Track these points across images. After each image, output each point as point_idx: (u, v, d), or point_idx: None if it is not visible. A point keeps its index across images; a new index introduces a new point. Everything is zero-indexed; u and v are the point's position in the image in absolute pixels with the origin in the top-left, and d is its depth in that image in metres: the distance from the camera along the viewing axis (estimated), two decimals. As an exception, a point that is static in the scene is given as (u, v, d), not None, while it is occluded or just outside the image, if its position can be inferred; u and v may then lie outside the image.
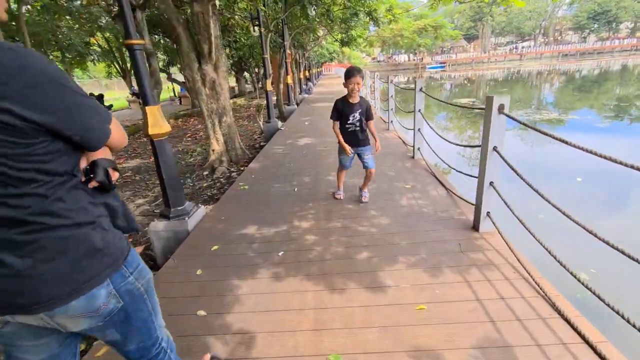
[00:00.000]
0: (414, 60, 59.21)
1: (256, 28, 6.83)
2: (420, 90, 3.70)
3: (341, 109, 2.88)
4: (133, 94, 16.40)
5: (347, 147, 2.84)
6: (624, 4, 53.61)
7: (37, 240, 0.73)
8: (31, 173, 0.70)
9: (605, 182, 5.22)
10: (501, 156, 2.13)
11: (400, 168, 3.87)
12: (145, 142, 9.18)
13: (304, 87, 16.07)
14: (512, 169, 2.05)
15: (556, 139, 1.66)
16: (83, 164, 0.82)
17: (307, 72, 18.98)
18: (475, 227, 2.40)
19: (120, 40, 13.46)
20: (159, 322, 1.00)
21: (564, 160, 6.25)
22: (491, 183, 2.24)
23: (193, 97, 13.78)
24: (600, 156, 1.38)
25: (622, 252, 1.32)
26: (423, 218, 2.62)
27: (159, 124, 2.57)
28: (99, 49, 15.95)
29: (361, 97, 2.85)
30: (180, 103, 18.67)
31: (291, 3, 8.12)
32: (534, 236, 1.89)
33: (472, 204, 2.51)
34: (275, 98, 12.70)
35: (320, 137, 5.95)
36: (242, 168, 5.46)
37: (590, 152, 1.43)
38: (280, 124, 7.65)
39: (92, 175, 0.81)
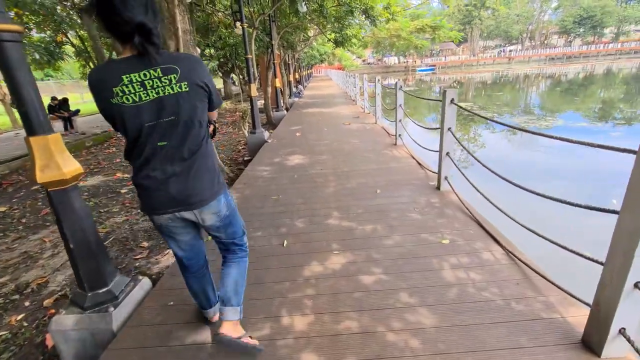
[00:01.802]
0: (404, 62, 58.91)
1: (238, 24, 5.83)
2: (452, 102, 2.79)
3: None
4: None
5: None
6: (609, 10, 54.62)
7: (196, 161, 1.28)
8: (204, 119, 1.30)
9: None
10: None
11: (425, 206, 2.93)
12: (115, 154, 8.03)
13: (294, 90, 15.07)
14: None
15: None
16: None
17: (297, 74, 17.99)
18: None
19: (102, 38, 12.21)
20: (243, 225, 1.59)
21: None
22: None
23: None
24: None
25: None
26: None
27: (55, 164, 1.55)
28: (72, 48, 14.61)
29: None
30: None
31: (279, -4, 7.14)
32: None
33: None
34: (262, 102, 11.68)
35: (314, 155, 4.96)
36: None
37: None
38: (267, 134, 6.64)
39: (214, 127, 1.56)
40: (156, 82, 1.14)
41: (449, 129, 2.90)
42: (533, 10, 64.14)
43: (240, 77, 19.03)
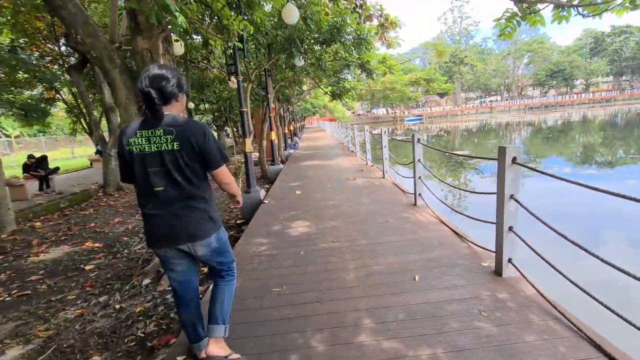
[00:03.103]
0: (392, 113, 61.50)
1: (233, 78, 5.43)
2: (514, 162, 2.10)
3: None
4: (97, 152, 14.47)
5: None
6: (577, 64, 59.58)
7: (189, 205, 1.53)
8: (195, 174, 1.55)
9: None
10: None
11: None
12: (91, 216, 7.09)
13: (289, 142, 14.78)
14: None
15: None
16: None
17: (291, 126, 17.95)
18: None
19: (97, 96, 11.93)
20: (231, 253, 1.77)
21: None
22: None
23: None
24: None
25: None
26: None
27: None
28: (64, 105, 14.35)
29: None
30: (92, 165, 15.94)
31: (276, 50, 6.93)
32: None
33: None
34: (257, 155, 11.19)
35: (321, 221, 4.14)
36: (207, 270, 3.55)
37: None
38: (263, 193, 5.90)
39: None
40: (157, 139, 1.46)
41: (512, 196, 2.19)
42: (507, 66, 69.49)
43: (234, 129, 18.93)
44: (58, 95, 13.30)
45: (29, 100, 13.16)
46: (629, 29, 58.05)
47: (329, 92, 10.26)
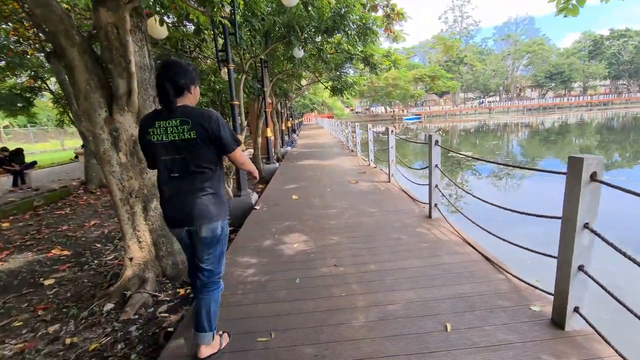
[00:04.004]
0: (391, 111, 60.88)
1: (224, 68, 4.80)
2: (593, 179, 1.52)
3: None
4: (83, 145, 13.69)
5: None
6: (575, 67, 59.47)
7: (202, 190, 1.64)
8: (210, 160, 1.69)
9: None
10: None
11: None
12: (67, 216, 6.41)
13: (286, 139, 14.13)
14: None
15: None
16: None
17: (289, 122, 17.29)
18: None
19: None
20: (224, 263, 1.82)
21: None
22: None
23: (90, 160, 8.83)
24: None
25: None
26: None
27: None
28: (50, 95, 13.53)
29: None
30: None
31: (273, 39, 6.28)
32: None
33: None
34: (251, 151, 10.56)
35: (320, 235, 3.50)
36: (185, 292, 2.96)
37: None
38: (255, 197, 5.28)
39: None
40: (174, 130, 1.57)
41: (586, 225, 1.60)
42: (507, 67, 69.19)
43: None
44: (45, 84, 12.48)
45: (12, 90, 12.34)
46: (628, 32, 57.98)
47: (329, 87, 9.63)
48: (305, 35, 6.33)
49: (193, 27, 6.92)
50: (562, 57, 63.16)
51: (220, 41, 4.77)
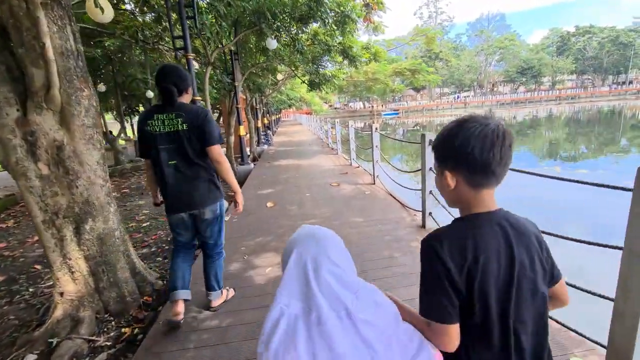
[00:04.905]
0: (369, 107, 60.95)
1: (182, 57, 4.12)
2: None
3: None
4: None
5: None
6: (545, 62, 61.84)
7: (197, 177, 1.92)
8: (201, 150, 1.94)
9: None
10: None
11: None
12: (4, 231, 5.41)
13: (262, 137, 13.42)
14: None
15: None
16: None
17: (265, 119, 16.54)
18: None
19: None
20: (223, 235, 2.21)
21: None
22: None
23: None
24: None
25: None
26: None
27: None
28: None
29: None
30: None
31: (243, 27, 5.62)
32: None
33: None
34: (225, 150, 9.84)
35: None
36: (131, 332, 2.33)
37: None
38: (225, 205, 4.65)
39: None
40: (170, 122, 1.84)
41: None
42: (480, 62, 71.02)
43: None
44: None
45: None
46: (592, 29, 60.79)
47: (306, 82, 9.05)
48: (278, 23, 5.73)
49: (153, 15, 6.15)
50: (532, 52, 65.47)
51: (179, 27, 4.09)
